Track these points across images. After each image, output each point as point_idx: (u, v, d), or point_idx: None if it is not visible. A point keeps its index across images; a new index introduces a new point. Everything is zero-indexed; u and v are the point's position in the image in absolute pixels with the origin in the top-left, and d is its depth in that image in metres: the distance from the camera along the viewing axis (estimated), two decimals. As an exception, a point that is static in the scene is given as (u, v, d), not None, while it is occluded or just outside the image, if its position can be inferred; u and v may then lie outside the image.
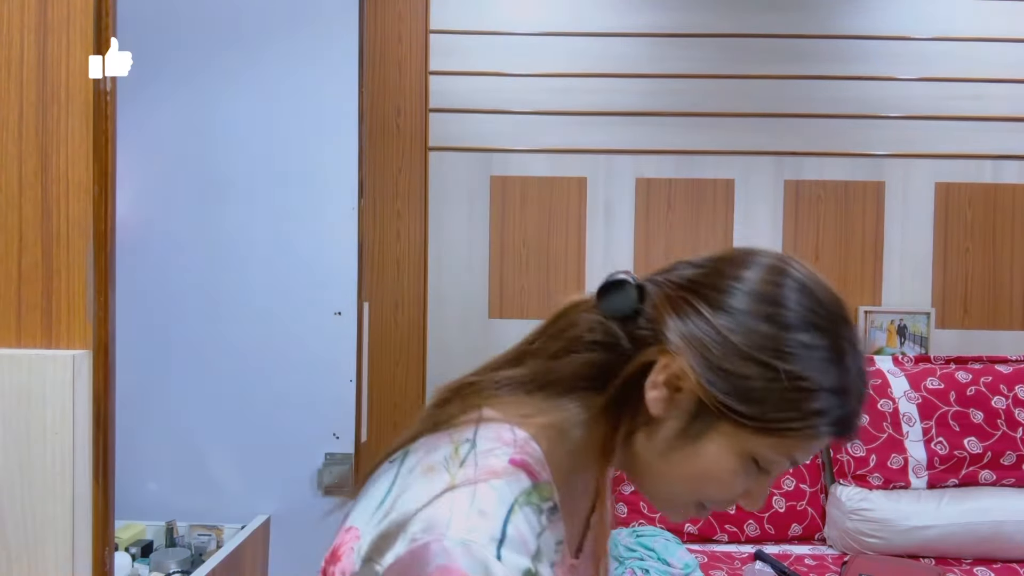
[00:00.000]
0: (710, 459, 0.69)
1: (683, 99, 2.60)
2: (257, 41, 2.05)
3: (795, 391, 0.66)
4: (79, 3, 0.94)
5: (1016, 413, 2.26)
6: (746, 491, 0.72)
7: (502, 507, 0.64)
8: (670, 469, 0.71)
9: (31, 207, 0.95)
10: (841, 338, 0.68)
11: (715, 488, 0.71)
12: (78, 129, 0.95)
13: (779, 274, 0.70)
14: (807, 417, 0.66)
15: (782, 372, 0.66)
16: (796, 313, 0.68)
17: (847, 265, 2.62)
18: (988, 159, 2.60)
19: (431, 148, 2.60)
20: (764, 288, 0.69)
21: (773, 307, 0.68)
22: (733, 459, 0.69)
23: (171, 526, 2.04)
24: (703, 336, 0.68)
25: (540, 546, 0.65)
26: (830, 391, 0.66)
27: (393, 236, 2.60)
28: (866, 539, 2.16)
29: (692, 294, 0.70)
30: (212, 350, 2.06)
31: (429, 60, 2.58)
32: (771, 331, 0.67)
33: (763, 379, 0.66)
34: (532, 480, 0.68)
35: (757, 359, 0.66)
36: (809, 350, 0.66)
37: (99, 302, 0.96)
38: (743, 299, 0.68)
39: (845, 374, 0.67)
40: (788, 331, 0.67)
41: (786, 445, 0.68)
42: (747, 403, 0.66)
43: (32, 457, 0.94)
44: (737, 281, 0.70)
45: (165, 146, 2.07)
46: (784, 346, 0.66)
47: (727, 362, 0.67)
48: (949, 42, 2.59)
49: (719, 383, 0.67)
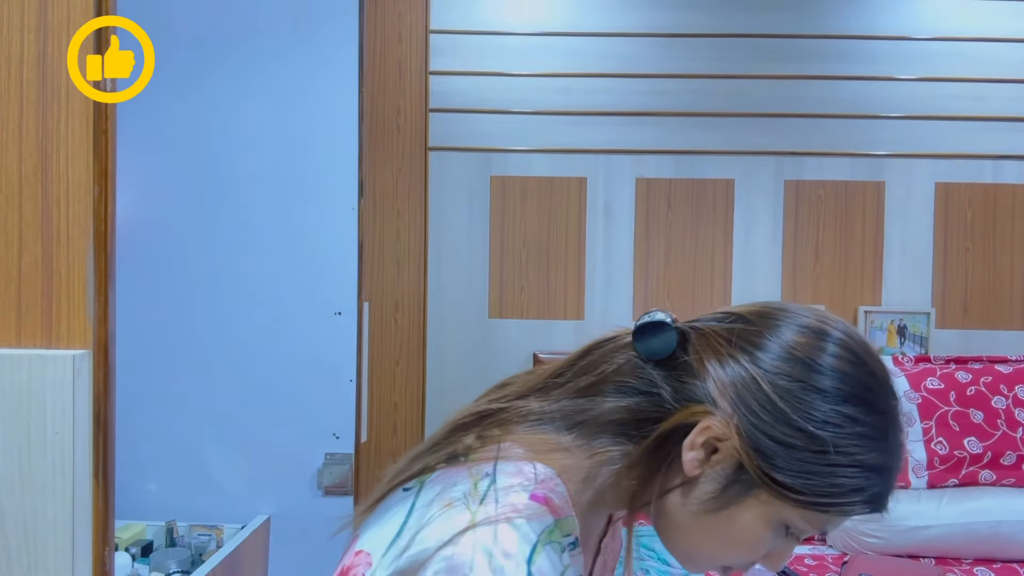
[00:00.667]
0: (744, 525, 0.67)
1: (683, 99, 2.60)
2: (257, 41, 2.05)
3: (839, 466, 0.64)
4: (79, 3, 0.94)
5: (1016, 413, 2.26)
6: (770, 554, 0.71)
7: (525, 546, 0.62)
8: (700, 530, 0.69)
9: (31, 207, 0.95)
10: (887, 415, 0.67)
11: (743, 552, 0.70)
12: (78, 129, 0.95)
13: (833, 342, 0.67)
14: (847, 494, 0.65)
15: (830, 445, 0.64)
16: (848, 385, 0.66)
17: (847, 265, 2.62)
18: (988, 159, 2.60)
19: (431, 148, 2.60)
20: (815, 355, 0.66)
21: (824, 376, 0.66)
22: (766, 528, 0.67)
23: (171, 526, 2.04)
24: (750, 399, 0.65)
25: None
26: (873, 469, 0.65)
27: (393, 236, 2.60)
28: (866, 539, 2.16)
29: (740, 351, 0.67)
30: (212, 350, 2.06)
31: (429, 60, 2.58)
32: (821, 402, 0.65)
33: (808, 451, 0.64)
34: (555, 516, 0.66)
35: (804, 429, 0.64)
36: (856, 424, 0.65)
37: (99, 302, 0.96)
38: (795, 366, 0.66)
39: (888, 452, 0.66)
40: (839, 403, 0.65)
41: (820, 518, 0.67)
42: (790, 474, 0.64)
43: (32, 457, 0.94)
44: (789, 345, 0.67)
45: (165, 146, 2.07)
46: (833, 418, 0.64)
47: (773, 429, 0.64)
48: (949, 42, 2.59)
49: (764, 450, 0.64)
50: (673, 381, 0.69)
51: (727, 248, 2.63)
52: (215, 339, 2.06)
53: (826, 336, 0.68)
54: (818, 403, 0.65)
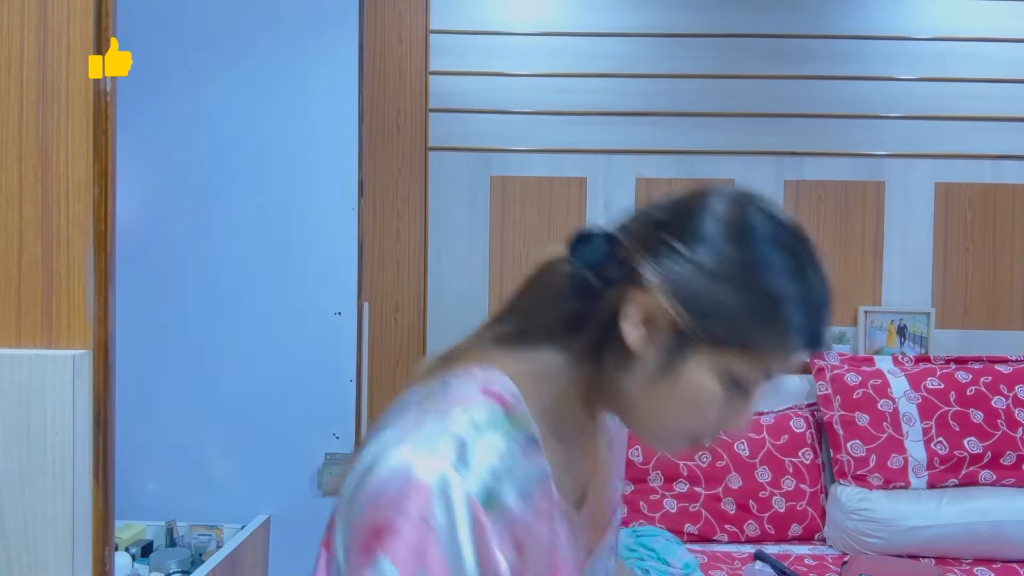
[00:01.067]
0: (694, 385, 0.71)
1: (683, 99, 2.60)
2: (257, 41, 2.05)
3: (766, 306, 0.69)
4: (79, 3, 0.94)
5: (1016, 413, 2.26)
6: (730, 415, 0.74)
7: (470, 429, 0.68)
8: (657, 402, 0.73)
9: (31, 207, 0.95)
10: (804, 254, 0.72)
11: (699, 415, 0.73)
12: (78, 129, 0.95)
13: (743, 202, 0.74)
14: (778, 329, 0.70)
15: (752, 289, 0.69)
16: (762, 234, 0.71)
17: (847, 265, 2.62)
18: (988, 159, 2.60)
19: (431, 148, 2.60)
20: (729, 213, 0.72)
21: (739, 230, 0.71)
22: (714, 382, 0.71)
23: (171, 526, 2.05)
24: (672, 265, 0.71)
25: (506, 468, 0.68)
26: (797, 303, 0.70)
27: (393, 236, 2.60)
28: (866, 539, 2.17)
29: (660, 230, 0.73)
30: (212, 350, 2.06)
31: (429, 60, 2.58)
32: (739, 252, 0.70)
33: (735, 297, 0.69)
34: (503, 408, 0.72)
35: (728, 278, 0.69)
36: (776, 266, 0.70)
37: (99, 302, 0.96)
38: (710, 225, 0.72)
39: (810, 287, 0.71)
40: (756, 251, 0.70)
41: (762, 360, 0.71)
42: (721, 323, 0.69)
43: (32, 457, 0.94)
44: (703, 211, 0.73)
45: (165, 146, 2.07)
46: (753, 264, 0.70)
47: (698, 285, 0.70)
48: (949, 42, 2.59)
49: (693, 307, 0.69)
50: (608, 278, 0.74)
51: (727, 248, 2.63)
52: (215, 339, 2.06)
53: (738, 199, 0.74)
54: (731, 251, 0.70)
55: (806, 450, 2.32)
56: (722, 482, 2.25)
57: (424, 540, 0.63)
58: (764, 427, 2.33)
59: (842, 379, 2.34)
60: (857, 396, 2.30)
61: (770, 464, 2.27)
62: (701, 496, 2.25)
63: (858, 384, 2.32)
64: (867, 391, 2.30)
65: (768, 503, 2.24)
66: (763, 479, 2.26)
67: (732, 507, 2.24)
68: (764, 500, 2.24)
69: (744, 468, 2.26)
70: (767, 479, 2.26)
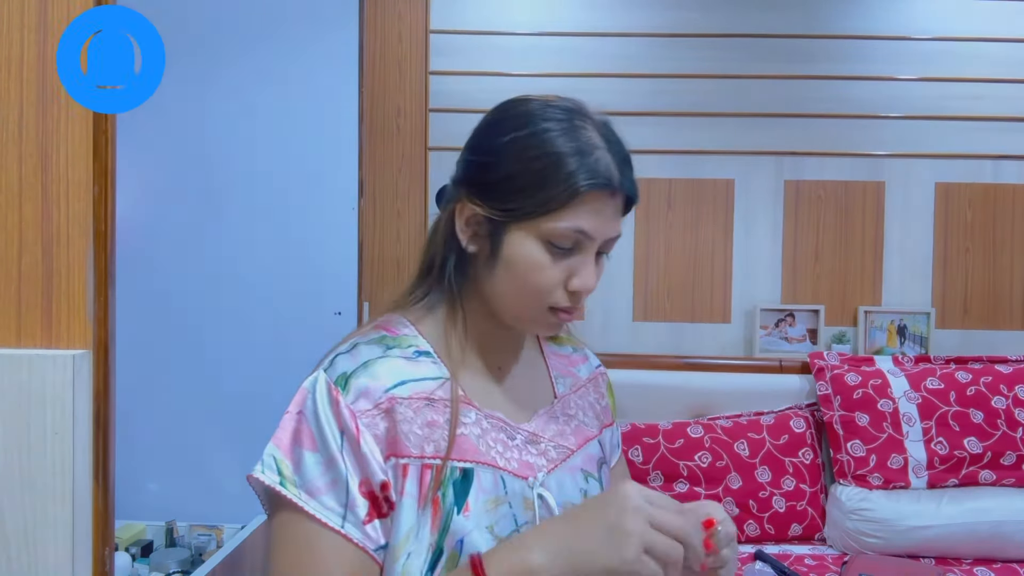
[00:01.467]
0: (519, 259, 0.82)
1: (683, 99, 2.60)
2: (257, 41, 2.05)
3: (542, 166, 0.80)
4: (79, 3, 0.95)
5: (1016, 413, 2.26)
6: (569, 274, 0.84)
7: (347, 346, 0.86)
8: (502, 285, 0.85)
9: (31, 207, 0.95)
10: (570, 116, 0.83)
11: (538, 281, 0.83)
12: (78, 129, 0.95)
13: (514, 100, 0.87)
14: (560, 180, 0.80)
15: (526, 158, 0.81)
16: (531, 115, 0.83)
17: (847, 265, 2.62)
18: (988, 159, 2.60)
19: (431, 148, 2.60)
20: (502, 111, 0.87)
21: (510, 118, 0.84)
22: (535, 249, 0.82)
23: (171, 526, 2.05)
24: (468, 171, 0.86)
25: (364, 366, 0.82)
26: (572, 153, 0.80)
27: (393, 236, 2.60)
28: (866, 539, 2.16)
29: (463, 152, 0.89)
30: (212, 350, 2.06)
31: (429, 60, 2.58)
32: (513, 134, 0.83)
33: (516, 172, 0.81)
34: (388, 333, 0.88)
35: (505, 159, 0.82)
36: (545, 133, 0.81)
37: (99, 302, 0.96)
38: (485, 127, 0.87)
39: (580, 137, 0.82)
40: (527, 127, 0.82)
41: (564, 216, 0.81)
42: (514, 197, 0.81)
43: (32, 457, 0.94)
44: (482, 121, 0.89)
45: (165, 146, 2.07)
46: (527, 138, 0.82)
47: (490, 176, 0.83)
48: (949, 42, 2.59)
49: (489, 195, 0.83)
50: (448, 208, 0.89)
51: (727, 248, 2.63)
52: (215, 339, 2.06)
53: (511, 100, 0.88)
54: (512, 135, 0.83)
55: (806, 450, 2.32)
56: (722, 482, 2.25)
57: (299, 425, 0.81)
58: (764, 427, 2.33)
59: (842, 379, 2.34)
60: (857, 396, 2.30)
61: (770, 464, 2.27)
62: (701, 496, 2.25)
63: (858, 384, 2.32)
64: (867, 391, 2.30)
65: (768, 503, 2.24)
66: (763, 479, 2.26)
67: (732, 507, 2.24)
68: (764, 500, 2.24)
69: (744, 468, 2.26)
70: (767, 479, 2.26)
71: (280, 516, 0.79)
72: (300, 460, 0.79)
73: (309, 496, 0.77)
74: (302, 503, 0.77)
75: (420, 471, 0.80)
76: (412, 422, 0.81)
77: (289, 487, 0.78)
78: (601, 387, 1.06)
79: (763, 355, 2.57)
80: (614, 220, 0.85)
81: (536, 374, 0.98)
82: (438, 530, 0.80)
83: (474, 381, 0.89)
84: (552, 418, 0.94)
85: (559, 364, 1.02)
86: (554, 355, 1.03)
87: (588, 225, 0.82)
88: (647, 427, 2.32)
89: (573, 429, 0.96)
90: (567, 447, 0.93)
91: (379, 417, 0.80)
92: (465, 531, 0.80)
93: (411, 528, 0.79)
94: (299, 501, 0.77)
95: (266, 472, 0.79)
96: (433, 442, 0.82)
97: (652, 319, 2.62)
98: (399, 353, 0.86)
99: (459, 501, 0.81)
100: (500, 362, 0.94)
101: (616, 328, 2.61)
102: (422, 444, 0.81)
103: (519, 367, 0.96)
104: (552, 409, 0.95)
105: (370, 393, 0.81)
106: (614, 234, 0.86)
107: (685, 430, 2.31)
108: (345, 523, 0.77)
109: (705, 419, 2.38)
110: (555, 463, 0.91)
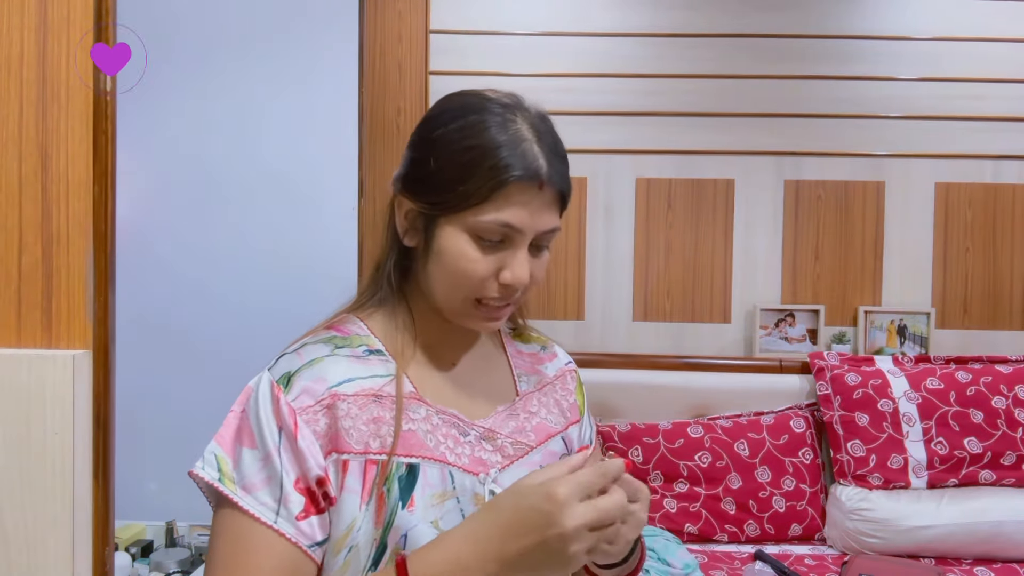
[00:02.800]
0: (450, 252, 0.83)
1: (683, 99, 2.60)
2: (257, 42, 2.05)
3: (471, 161, 0.81)
4: (79, 3, 0.95)
5: (1016, 413, 2.26)
6: (500, 267, 0.84)
7: (295, 345, 0.89)
8: (436, 278, 0.86)
9: (31, 207, 0.95)
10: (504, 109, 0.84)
11: (469, 274, 0.83)
12: (78, 129, 0.95)
13: (452, 95, 0.88)
14: (486, 173, 0.81)
15: (457, 152, 0.82)
16: (465, 108, 0.84)
17: (847, 265, 2.62)
18: (988, 159, 2.60)
19: (431, 148, 2.60)
20: (439, 106, 0.87)
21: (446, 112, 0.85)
22: (464, 243, 0.83)
23: (171, 526, 2.05)
24: (402, 170, 0.88)
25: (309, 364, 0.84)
26: (499, 146, 0.81)
27: (393, 236, 2.60)
28: (866, 539, 2.17)
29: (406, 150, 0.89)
30: (212, 350, 2.06)
31: (429, 60, 2.58)
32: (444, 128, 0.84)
33: (446, 165, 0.82)
34: (339, 334, 0.90)
35: (432, 156, 0.83)
36: (474, 126, 0.82)
37: (99, 302, 0.96)
38: (423, 123, 0.88)
39: (508, 129, 0.83)
40: (457, 120, 0.83)
41: (490, 209, 0.81)
42: (444, 191, 0.82)
43: (32, 457, 0.94)
44: (422, 119, 0.89)
45: (165, 146, 2.07)
46: (456, 131, 0.83)
47: (422, 170, 0.85)
48: (949, 42, 2.59)
49: (423, 189, 0.84)
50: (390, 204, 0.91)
51: (727, 248, 2.63)
52: (215, 339, 2.06)
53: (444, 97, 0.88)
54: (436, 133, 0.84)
55: (806, 450, 2.32)
56: (722, 482, 2.25)
57: (241, 423, 0.84)
58: (764, 427, 2.33)
59: (842, 379, 2.34)
60: (857, 396, 2.30)
61: (770, 464, 2.27)
62: (701, 496, 2.25)
63: (858, 384, 2.32)
64: (867, 391, 2.30)
65: (768, 503, 2.24)
66: (763, 479, 2.26)
67: (732, 507, 2.24)
68: (764, 500, 2.24)
69: (744, 468, 2.26)
70: (767, 479, 2.26)
71: (219, 511, 0.81)
72: (240, 457, 0.81)
73: (245, 492, 0.80)
74: (237, 498, 0.79)
75: (363, 466, 0.82)
76: (356, 418, 0.82)
77: (227, 483, 0.80)
78: (569, 384, 1.05)
79: (763, 355, 2.58)
80: (546, 213, 0.84)
81: (496, 371, 0.98)
82: (383, 525, 0.81)
83: (426, 377, 0.90)
84: (512, 415, 0.94)
85: (523, 362, 1.01)
86: (519, 353, 1.02)
87: (514, 218, 0.82)
88: (647, 427, 2.32)
89: (534, 426, 0.95)
90: (526, 444, 0.93)
91: (320, 413, 0.82)
92: (409, 526, 0.81)
93: (352, 523, 0.81)
94: (235, 497, 0.79)
95: (206, 469, 0.82)
96: (379, 437, 0.83)
97: (652, 319, 2.62)
98: (348, 352, 0.87)
99: (404, 496, 0.82)
100: (453, 358, 0.94)
101: (616, 328, 2.61)
102: (367, 440, 0.82)
103: (475, 363, 0.96)
104: (513, 407, 0.95)
105: (312, 390, 0.83)
106: (547, 228, 0.85)
107: (685, 430, 2.31)
108: (278, 519, 0.79)
109: (705, 419, 2.38)
110: (511, 459, 0.91)
